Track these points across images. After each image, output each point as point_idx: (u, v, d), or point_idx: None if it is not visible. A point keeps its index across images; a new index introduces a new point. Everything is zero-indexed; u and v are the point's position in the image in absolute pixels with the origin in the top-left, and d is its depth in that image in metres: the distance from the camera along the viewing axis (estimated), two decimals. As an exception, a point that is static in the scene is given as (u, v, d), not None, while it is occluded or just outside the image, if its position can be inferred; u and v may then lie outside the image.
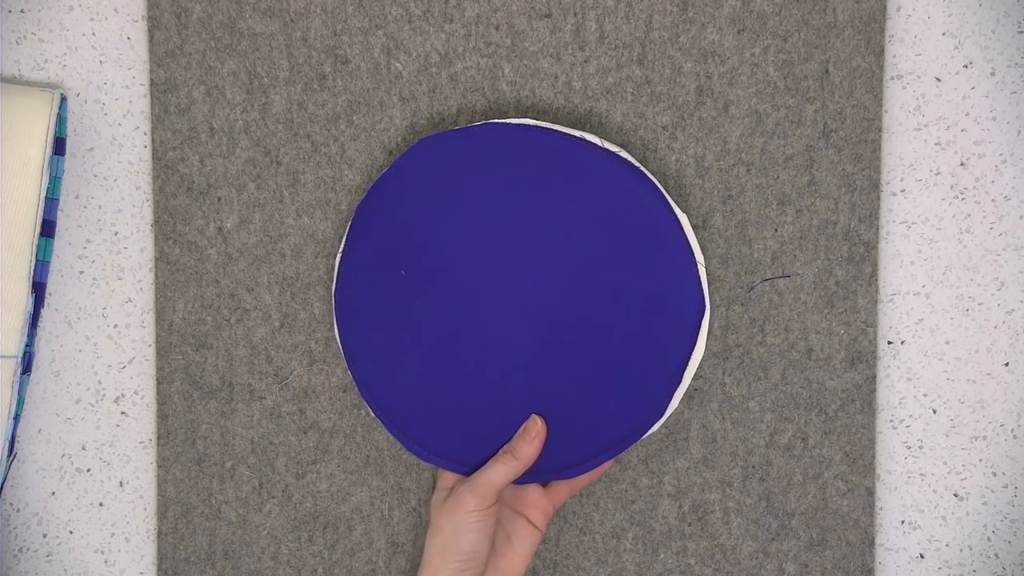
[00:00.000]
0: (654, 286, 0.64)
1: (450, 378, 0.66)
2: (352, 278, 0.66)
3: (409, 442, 0.66)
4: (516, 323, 0.65)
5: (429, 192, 0.65)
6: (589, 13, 0.69)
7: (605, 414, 0.65)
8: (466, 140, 0.65)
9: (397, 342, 0.66)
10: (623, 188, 0.64)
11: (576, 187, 0.64)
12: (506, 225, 0.65)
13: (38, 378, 0.71)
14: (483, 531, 0.62)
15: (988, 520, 0.72)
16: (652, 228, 0.64)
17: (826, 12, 0.69)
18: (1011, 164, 0.71)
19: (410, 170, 0.66)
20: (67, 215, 0.71)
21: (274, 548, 0.72)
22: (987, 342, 0.71)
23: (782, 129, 0.70)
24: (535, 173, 0.65)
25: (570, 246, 0.64)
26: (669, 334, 0.64)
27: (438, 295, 0.65)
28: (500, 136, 0.65)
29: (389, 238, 0.66)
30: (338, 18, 0.70)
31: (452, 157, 0.65)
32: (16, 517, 0.72)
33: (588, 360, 0.65)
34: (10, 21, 0.70)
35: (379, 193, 0.66)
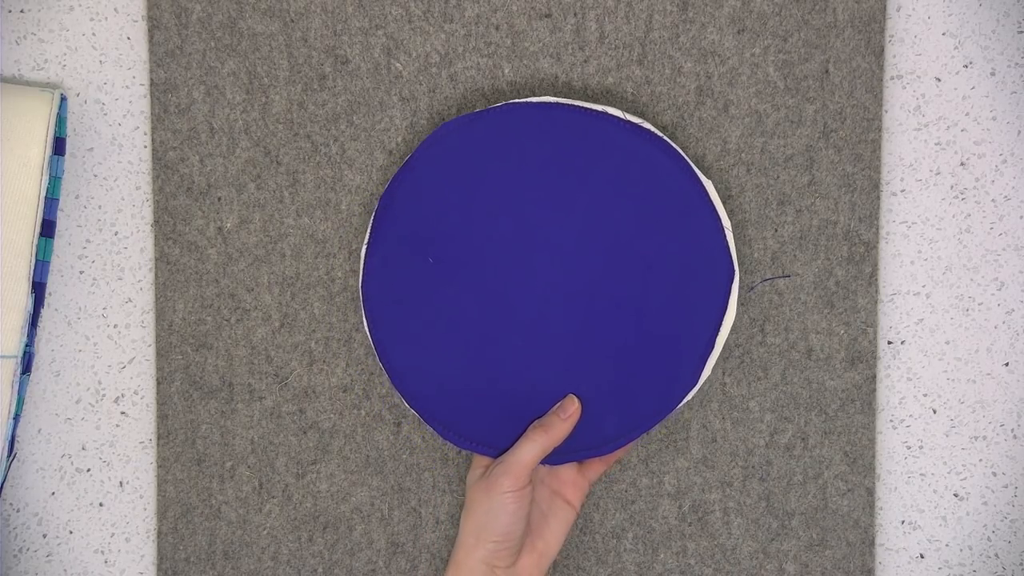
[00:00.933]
0: (682, 254, 0.65)
1: (483, 362, 0.66)
2: (379, 269, 0.66)
3: (445, 431, 0.66)
4: (546, 302, 0.65)
5: (453, 177, 0.66)
6: (589, 13, 0.69)
7: (639, 387, 0.65)
8: (487, 122, 0.65)
9: (428, 330, 0.66)
10: (647, 159, 0.65)
11: (600, 161, 0.65)
12: (531, 204, 0.65)
13: (38, 378, 0.71)
14: (518, 512, 0.62)
15: (988, 520, 0.72)
16: (678, 196, 0.65)
17: (826, 12, 0.69)
18: (1011, 164, 0.71)
19: (433, 156, 0.66)
20: (67, 215, 0.71)
21: (274, 548, 0.72)
22: (987, 342, 0.71)
23: (782, 129, 0.70)
24: (557, 150, 0.65)
25: (596, 220, 0.65)
26: (700, 301, 0.65)
27: (467, 280, 0.65)
28: (521, 116, 0.65)
29: (414, 226, 0.66)
30: (338, 18, 0.70)
31: (474, 140, 0.65)
32: (16, 517, 0.72)
33: (620, 334, 0.65)
34: (10, 21, 0.70)
35: (403, 180, 0.66)
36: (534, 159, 0.65)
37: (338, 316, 0.71)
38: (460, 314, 0.66)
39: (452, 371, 0.66)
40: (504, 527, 0.62)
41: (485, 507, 0.62)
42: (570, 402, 0.65)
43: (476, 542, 0.62)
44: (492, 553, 0.62)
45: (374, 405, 0.71)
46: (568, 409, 0.65)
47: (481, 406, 0.66)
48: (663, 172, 0.65)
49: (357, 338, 0.71)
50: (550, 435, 0.64)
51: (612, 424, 0.66)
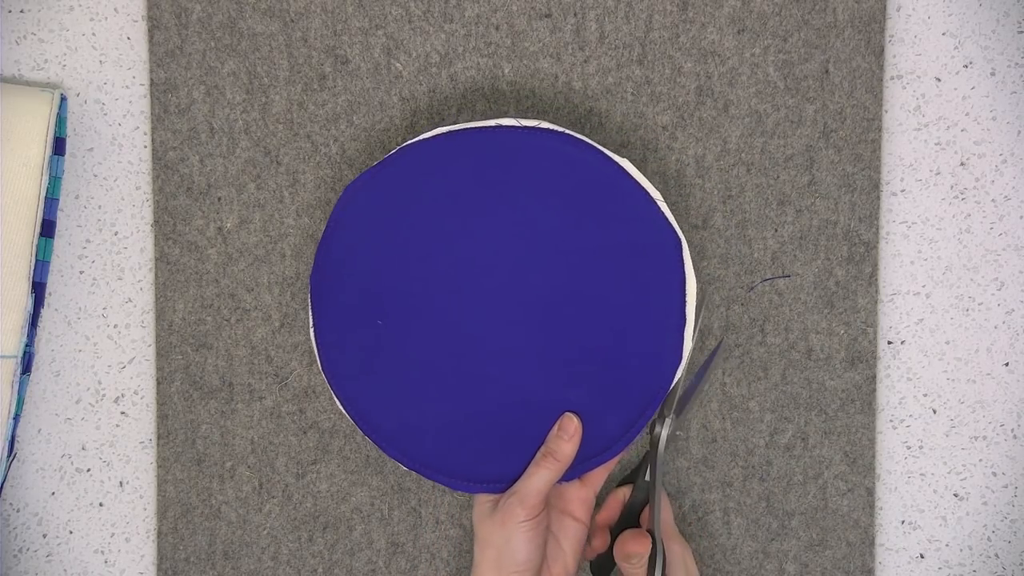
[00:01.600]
0: (627, 240, 0.64)
1: (465, 402, 0.65)
2: (334, 346, 0.65)
3: (451, 481, 0.65)
4: (508, 324, 0.64)
5: (379, 229, 0.65)
6: (589, 13, 0.69)
7: (627, 380, 0.64)
8: (398, 166, 0.65)
9: (402, 387, 0.65)
10: (562, 158, 0.64)
11: (518, 174, 0.64)
12: (463, 231, 0.64)
13: (38, 378, 0.71)
14: (535, 539, 0.61)
15: (988, 520, 0.72)
16: (601, 186, 0.64)
17: (826, 12, 0.69)
18: (1011, 164, 0.71)
19: (351, 213, 0.65)
20: (67, 215, 0.71)
21: (274, 548, 0.72)
22: (987, 342, 0.71)
23: (782, 129, 0.70)
24: (474, 174, 0.64)
25: (535, 231, 0.64)
26: (657, 279, 0.64)
27: (427, 324, 0.65)
28: (448, 144, 0.64)
29: (357, 285, 0.65)
30: (338, 18, 0.70)
31: (389, 185, 0.65)
32: (16, 517, 0.72)
33: (591, 336, 0.64)
34: (10, 21, 0.70)
35: (329, 249, 0.65)
36: (453, 188, 0.64)
37: (338, 316, 0.71)
38: (428, 361, 0.65)
39: (438, 420, 0.65)
40: (524, 555, 0.61)
41: (502, 539, 0.61)
42: (568, 421, 0.64)
43: (494, 572, 0.61)
44: None
45: (374, 405, 0.71)
46: (569, 428, 0.64)
47: (477, 446, 0.65)
48: (581, 166, 0.64)
49: (357, 338, 0.71)
50: (558, 458, 0.63)
51: (612, 425, 0.65)
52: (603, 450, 0.65)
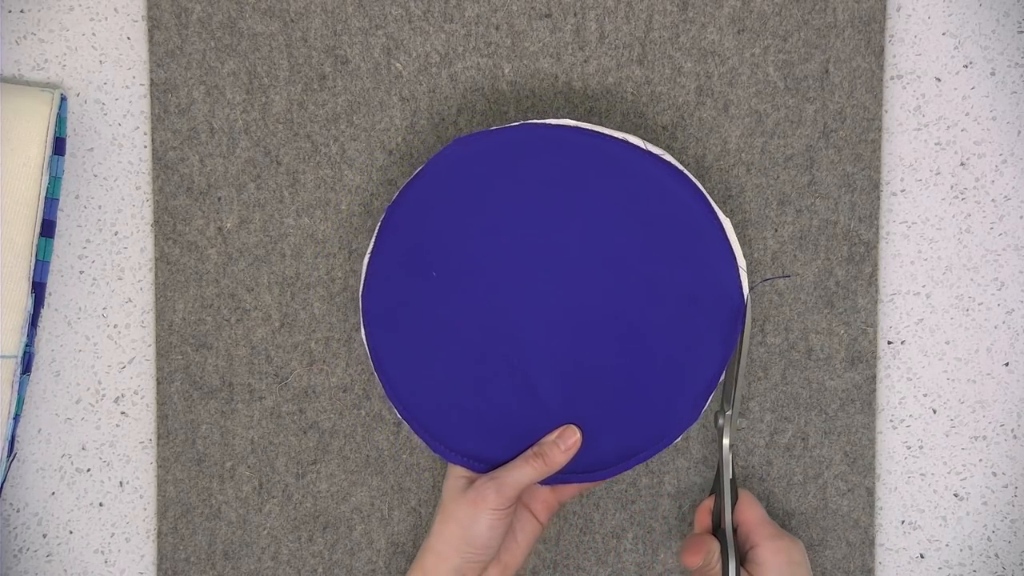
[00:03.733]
0: (693, 289, 0.63)
1: (479, 378, 0.64)
2: (381, 280, 0.65)
3: (434, 441, 0.65)
4: (550, 325, 0.64)
5: (463, 191, 0.64)
6: (589, 13, 0.69)
7: (639, 416, 0.64)
8: (501, 140, 0.64)
9: (425, 342, 0.64)
10: (664, 190, 0.63)
11: (616, 188, 0.63)
12: (539, 225, 0.63)
13: (38, 378, 0.71)
14: (499, 528, 0.62)
15: (988, 520, 0.72)
16: (693, 230, 0.63)
17: (826, 12, 0.69)
18: (1011, 164, 0.71)
19: (443, 169, 0.64)
20: (67, 215, 0.71)
21: (274, 548, 0.72)
22: (987, 342, 0.71)
23: (782, 129, 0.70)
24: (572, 173, 0.63)
25: (608, 248, 0.63)
26: (707, 337, 0.63)
27: (470, 297, 0.64)
28: (536, 136, 0.63)
29: (419, 238, 0.64)
30: (338, 18, 0.70)
31: (486, 157, 0.64)
32: (16, 517, 0.72)
33: (623, 361, 0.63)
34: (10, 21, 0.70)
35: (411, 192, 0.65)
36: (545, 180, 0.63)
37: (338, 316, 0.71)
38: (459, 330, 0.64)
39: (446, 384, 0.65)
40: (484, 540, 0.61)
41: (468, 520, 0.62)
42: (571, 433, 0.64)
43: (451, 552, 0.62)
44: (464, 564, 0.62)
45: (374, 405, 0.71)
46: (568, 440, 0.64)
47: (472, 421, 0.65)
48: (679, 204, 0.63)
49: (357, 338, 0.71)
50: (547, 463, 0.63)
51: (609, 451, 0.65)
52: (593, 470, 0.65)
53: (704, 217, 0.63)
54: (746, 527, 0.65)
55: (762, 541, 0.64)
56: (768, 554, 0.64)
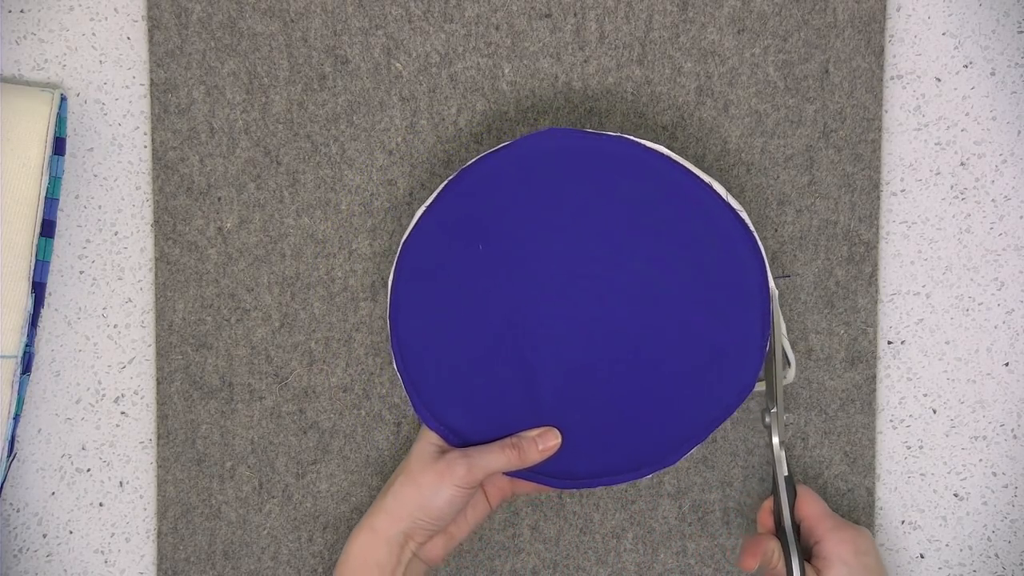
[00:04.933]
0: (724, 316, 0.63)
1: (486, 357, 0.64)
2: (427, 235, 0.64)
3: (419, 402, 0.65)
4: (569, 327, 0.64)
5: (531, 180, 0.64)
6: (589, 13, 0.69)
7: (647, 429, 0.64)
8: (590, 145, 0.63)
9: (446, 309, 0.64)
10: (708, 211, 0.63)
11: (661, 205, 0.63)
12: (582, 231, 0.64)
13: (38, 378, 0.71)
14: (458, 503, 0.62)
15: (988, 520, 0.72)
16: (733, 258, 0.63)
17: (826, 12, 0.69)
18: (1011, 164, 0.71)
19: (524, 152, 0.64)
20: (67, 215, 0.71)
21: (274, 548, 0.72)
22: (987, 342, 0.71)
23: (782, 129, 0.70)
24: (623, 186, 0.63)
25: (644, 262, 0.63)
26: (730, 365, 0.64)
27: (502, 279, 0.64)
28: (625, 152, 0.63)
29: (477, 210, 0.64)
30: (338, 18, 0.70)
31: (566, 155, 0.64)
32: (16, 517, 0.72)
33: (638, 377, 0.64)
34: (10, 21, 0.70)
35: (486, 164, 0.64)
36: (605, 192, 0.63)
37: (338, 316, 0.71)
38: (482, 306, 0.64)
39: (452, 352, 0.65)
40: (439, 512, 0.62)
41: (430, 489, 0.62)
42: (552, 436, 0.64)
43: (404, 515, 0.62)
44: (414, 528, 0.62)
45: (374, 405, 0.71)
46: (547, 442, 0.64)
47: (463, 394, 0.65)
48: (722, 227, 0.63)
49: (357, 338, 0.71)
50: (521, 457, 0.63)
51: (611, 460, 0.65)
52: (566, 476, 0.65)
53: (744, 242, 0.63)
54: (808, 522, 0.65)
55: (825, 534, 0.64)
56: (833, 546, 0.63)
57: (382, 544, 0.62)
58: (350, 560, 0.62)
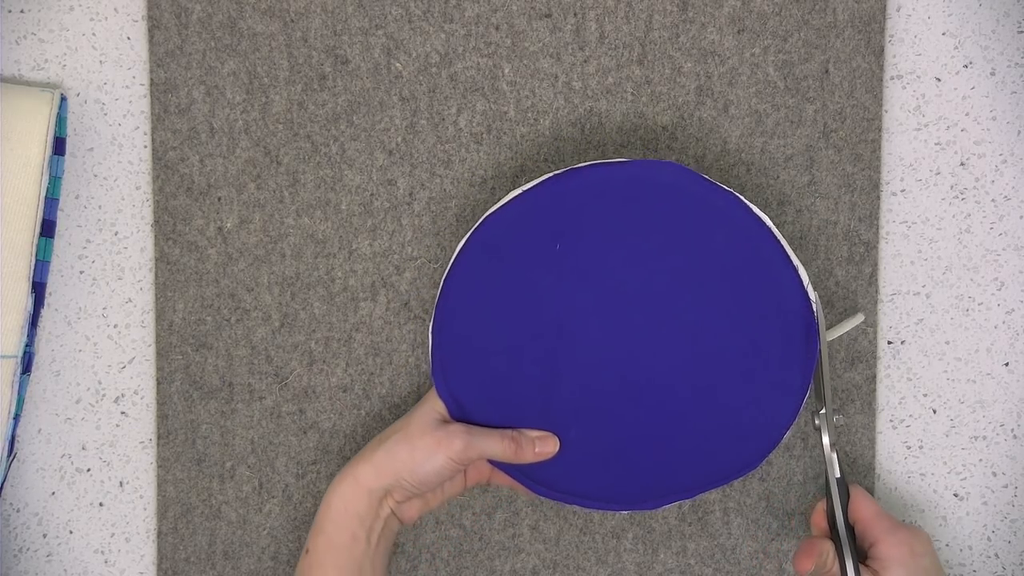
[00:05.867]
0: (767, 348, 0.64)
1: (520, 357, 0.65)
2: (497, 232, 0.65)
3: (440, 371, 0.65)
4: (604, 349, 0.65)
5: (596, 205, 0.65)
6: (589, 13, 0.69)
7: (685, 458, 0.65)
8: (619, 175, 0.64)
9: (494, 301, 0.65)
10: (757, 245, 0.64)
11: (714, 238, 0.64)
12: (632, 261, 0.65)
13: (38, 378, 0.71)
14: (445, 474, 0.63)
15: (988, 520, 0.72)
16: (782, 298, 0.64)
17: (826, 12, 0.69)
18: (1011, 164, 0.71)
19: (590, 179, 0.65)
20: (67, 215, 0.71)
21: (274, 548, 0.72)
22: (987, 342, 0.71)
23: (782, 129, 0.70)
24: (673, 216, 0.64)
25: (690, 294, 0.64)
26: (775, 395, 0.65)
27: (553, 291, 0.65)
28: (651, 173, 0.64)
29: (546, 222, 0.65)
30: (338, 18, 0.70)
31: (595, 187, 0.65)
32: (16, 517, 0.72)
33: (662, 407, 0.65)
34: (10, 21, 0.70)
35: (554, 185, 0.65)
36: (650, 217, 0.64)
37: (338, 316, 0.71)
38: (533, 305, 0.65)
39: (487, 341, 0.65)
40: (426, 477, 0.62)
41: (424, 453, 0.62)
42: (551, 443, 0.65)
43: (391, 471, 0.62)
44: (396, 486, 0.62)
45: (374, 405, 0.71)
46: (545, 447, 0.65)
47: (485, 380, 0.65)
48: (769, 261, 0.64)
49: (357, 338, 0.71)
50: (516, 453, 0.64)
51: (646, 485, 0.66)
52: (553, 486, 0.66)
53: (795, 286, 0.64)
54: (863, 524, 0.65)
55: (881, 536, 0.63)
56: (888, 548, 0.63)
57: (363, 495, 0.62)
58: (332, 509, 0.62)
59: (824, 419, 0.66)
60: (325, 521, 0.62)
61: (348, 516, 0.62)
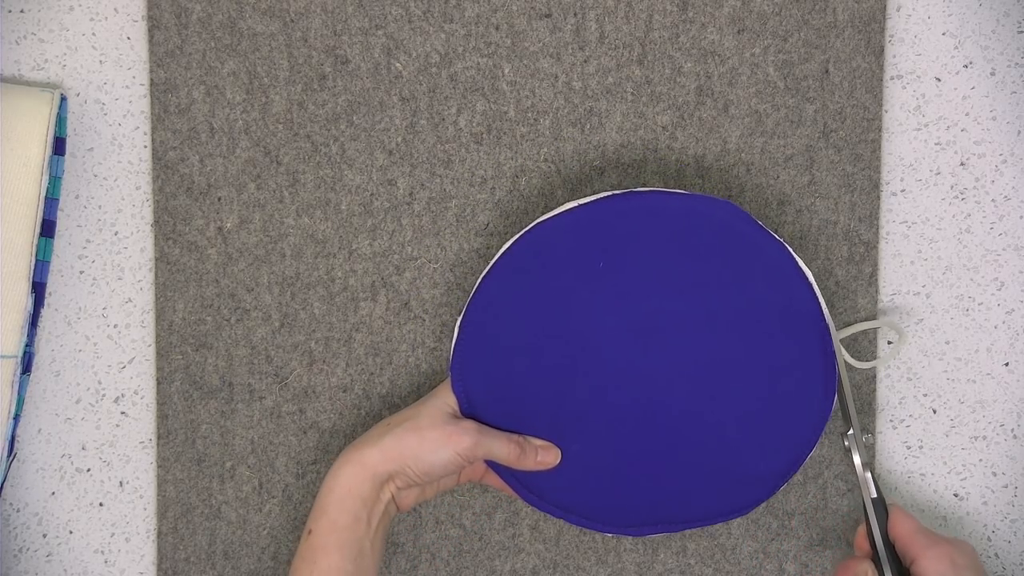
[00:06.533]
0: (786, 379, 0.65)
1: (538, 366, 0.65)
2: (543, 244, 0.65)
3: (460, 369, 0.66)
4: (622, 373, 0.65)
5: (613, 235, 0.65)
6: (589, 13, 0.69)
7: (688, 489, 0.66)
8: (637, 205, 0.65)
9: (513, 350, 0.66)
10: (778, 273, 0.65)
11: (730, 264, 0.65)
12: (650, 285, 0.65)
13: (38, 378, 0.71)
14: (449, 468, 0.63)
15: (988, 520, 0.72)
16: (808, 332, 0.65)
17: (826, 12, 0.69)
18: (1011, 164, 0.71)
19: (608, 209, 0.65)
20: (67, 215, 0.71)
21: (274, 548, 0.72)
22: (987, 342, 0.71)
23: (782, 129, 0.70)
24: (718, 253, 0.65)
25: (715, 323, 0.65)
26: (793, 425, 0.65)
27: (583, 310, 0.65)
28: (707, 209, 0.65)
29: (536, 274, 0.65)
30: (338, 18, 0.70)
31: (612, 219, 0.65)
32: (16, 517, 0.72)
33: (688, 439, 0.66)
34: (10, 21, 0.70)
35: (574, 216, 0.65)
36: (694, 251, 0.65)
37: (338, 316, 0.71)
38: (562, 320, 0.65)
39: (512, 343, 0.65)
40: (430, 468, 0.63)
41: (432, 444, 0.63)
42: (553, 455, 0.66)
43: (397, 458, 0.63)
44: (399, 474, 0.63)
45: (374, 405, 0.71)
46: (546, 457, 0.65)
47: (502, 382, 0.66)
48: (756, 248, 0.65)
49: (357, 338, 0.71)
50: (518, 458, 0.65)
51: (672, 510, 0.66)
52: (555, 504, 0.66)
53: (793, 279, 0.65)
54: (902, 542, 0.64)
55: (920, 552, 0.63)
56: (928, 563, 0.62)
57: (368, 478, 0.63)
58: (336, 491, 0.63)
59: (853, 440, 0.66)
60: (328, 502, 0.63)
61: (352, 498, 0.62)
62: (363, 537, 0.62)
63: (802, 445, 0.66)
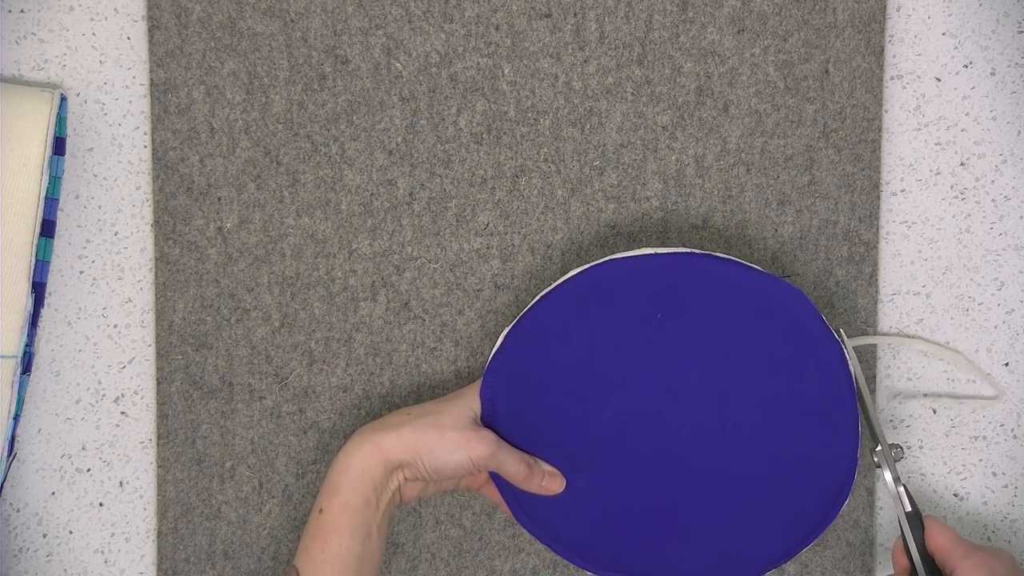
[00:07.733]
0: (803, 474, 0.65)
1: (571, 397, 0.66)
2: (567, 297, 0.66)
3: (494, 383, 0.66)
4: (650, 424, 0.65)
5: (656, 295, 0.65)
6: (589, 13, 0.69)
7: (697, 557, 0.66)
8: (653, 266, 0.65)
9: (569, 347, 0.66)
10: (798, 327, 0.65)
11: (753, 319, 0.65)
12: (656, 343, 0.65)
13: (38, 378, 0.71)
14: (460, 471, 0.63)
15: (988, 520, 0.72)
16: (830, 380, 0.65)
17: (826, 12, 0.69)
18: (1011, 164, 0.71)
19: (640, 267, 0.65)
20: (67, 215, 0.71)
21: (274, 548, 0.72)
22: (987, 342, 0.71)
23: (782, 129, 0.70)
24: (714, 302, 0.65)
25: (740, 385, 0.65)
26: (818, 490, 0.65)
27: (621, 357, 0.65)
28: (731, 273, 0.65)
29: (563, 330, 0.66)
30: (338, 18, 0.70)
31: (638, 278, 0.65)
32: (16, 517, 0.72)
33: (705, 503, 0.65)
34: (10, 21, 0.70)
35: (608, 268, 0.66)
36: (729, 318, 0.65)
37: (338, 316, 0.71)
38: (601, 363, 0.65)
39: (551, 372, 0.66)
40: (441, 466, 0.63)
41: (451, 445, 0.63)
42: (558, 483, 0.66)
43: (412, 448, 0.63)
44: (410, 465, 0.63)
45: (374, 405, 0.71)
46: (551, 483, 0.66)
47: (531, 407, 0.66)
48: (812, 340, 0.65)
49: (357, 338, 0.71)
50: (524, 479, 0.65)
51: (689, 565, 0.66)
52: (545, 531, 0.66)
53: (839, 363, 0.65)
54: (941, 553, 0.63)
55: (958, 562, 0.62)
56: (967, 572, 0.61)
57: (382, 463, 0.63)
58: (350, 471, 0.63)
59: (881, 455, 0.65)
60: (341, 482, 0.63)
61: (365, 480, 0.62)
62: (372, 520, 0.62)
63: (804, 535, 0.66)
